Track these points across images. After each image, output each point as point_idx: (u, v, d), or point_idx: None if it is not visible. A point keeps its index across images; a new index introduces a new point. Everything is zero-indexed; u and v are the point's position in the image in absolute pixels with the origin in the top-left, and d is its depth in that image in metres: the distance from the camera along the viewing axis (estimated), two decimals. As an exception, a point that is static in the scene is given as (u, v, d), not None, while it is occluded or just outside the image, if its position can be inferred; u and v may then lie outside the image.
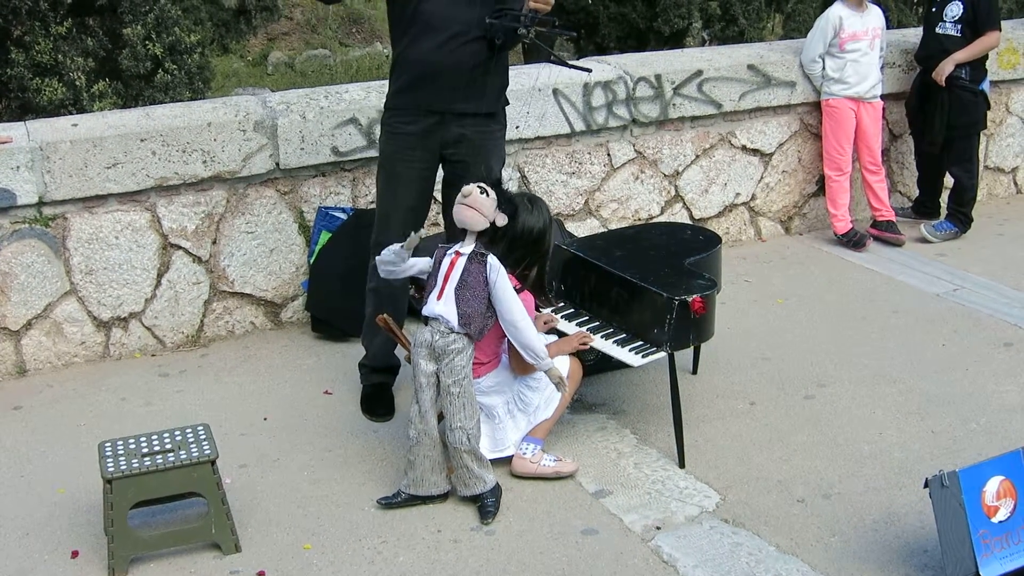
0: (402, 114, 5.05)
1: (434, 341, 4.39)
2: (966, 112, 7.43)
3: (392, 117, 5.09)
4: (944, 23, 7.37)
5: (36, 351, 5.85)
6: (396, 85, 5.06)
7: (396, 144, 5.09)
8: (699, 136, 7.32)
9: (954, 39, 7.33)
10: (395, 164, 5.11)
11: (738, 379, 5.62)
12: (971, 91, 7.38)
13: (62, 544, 4.34)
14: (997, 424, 5.12)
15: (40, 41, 9.61)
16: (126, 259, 5.93)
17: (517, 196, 4.60)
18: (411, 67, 4.96)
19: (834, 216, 7.51)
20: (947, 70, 7.31)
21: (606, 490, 4.65)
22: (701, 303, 4.70)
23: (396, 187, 5.12)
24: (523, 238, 4.54)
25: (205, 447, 4.23)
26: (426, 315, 4.49)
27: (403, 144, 5.08)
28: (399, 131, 5.07)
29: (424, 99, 4.98)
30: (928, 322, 6.27)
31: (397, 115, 5.07)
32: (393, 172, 5.12)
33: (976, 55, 7.33)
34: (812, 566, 4.10)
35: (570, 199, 7.01)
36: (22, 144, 5.62)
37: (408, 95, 5.02)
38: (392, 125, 5.09)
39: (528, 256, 4.61)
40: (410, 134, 5.05)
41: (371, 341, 5.37)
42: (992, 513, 3.86)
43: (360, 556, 4.23)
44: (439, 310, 4.40)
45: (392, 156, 5.12)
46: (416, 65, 4.95)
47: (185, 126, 5.92)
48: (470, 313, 4.36)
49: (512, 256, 4.55)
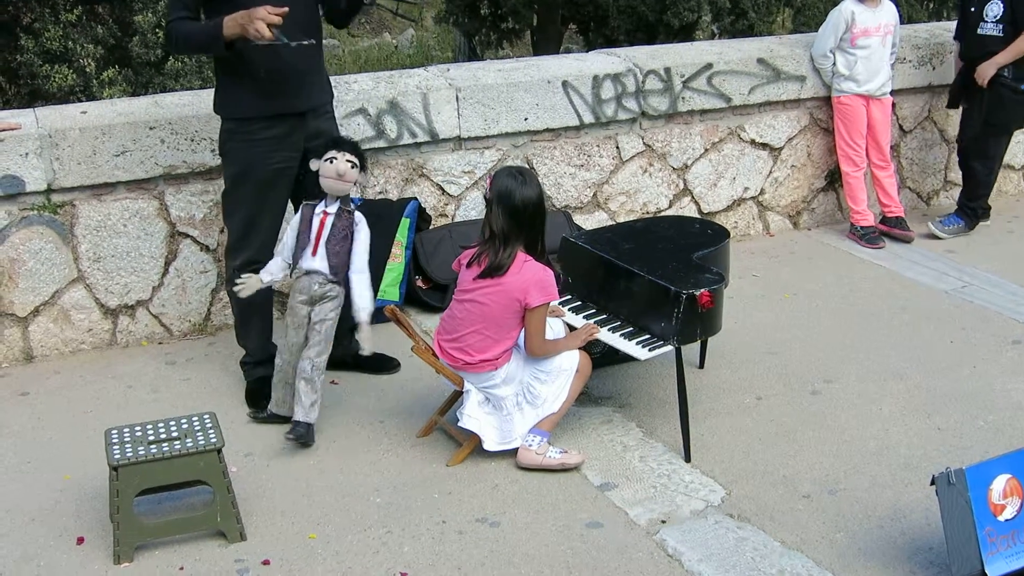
0: (257, 123, 5.07)
1: (313, 290, 4.96)
2: (1004, 109, 7.37)
3: (249, 126, 5.08)
4: (985, 23, 7.29)
5: (43, 338, 5.86)
6: (250, 91, 5.04)
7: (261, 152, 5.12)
8: (708, 130, 7.31)
9: (996, 39, 7.25)
10: (262, 171, 5.16)
11: (745, 374, 5.62)
12: (1012, 89, 7.32)
13: (68, 530, 4.35)
14: (1004, 422, 5.10)
15: (50, 28, 9.63)
16: (134, 247, 5.94)
17: (504, 173, 4.65)
18: (268, 73, 4.99)
19: (855, 212, 7.49)
20: (989, 73, 7.26)
21: (611, 483, 4.64)
22: (708, 297, 4.70)
23: (265, 192, 5.19)
24: (526, 211, 4.56)
25: (211, 435, 4.24)
26: (306, 269, 4.96)
27: (270, 149, 5.13)
28: (262, 141, 5.10)
29: (287, 106, 5.09)
30: (936, 319, 6.26)
31: (255, 124, 5.08)
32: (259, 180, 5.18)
33: (1018, 55, 7.25)
34: (817, 562, 4.09)
35: (578, 191, 7.00)
36: (31, 131, 5.62)
37: (269, 101, 5.05)
38: (251, 136, 5.09)
39: (535, 227, 4.62)
40: (272, 138, 5.11)
41: (247, 338, 5.44)
42: (999, 511, 3.85)
43: (365, 546, 4.23)
44: (316, 265, 4.94)
45: (254, 166, 5.15)
46: (281, 70, 5.00)
47: (194, 115, 5.92)
48: (338, 264, 4.94)
49: (524, 235, 4.59)
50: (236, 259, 5.23)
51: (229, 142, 5.15)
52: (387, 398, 5.40)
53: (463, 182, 6.62)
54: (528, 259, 4.60)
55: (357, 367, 5.62)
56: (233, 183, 5.19)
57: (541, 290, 4.56)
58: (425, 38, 19.71)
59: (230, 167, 5.18)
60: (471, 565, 4.11)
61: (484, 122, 6.61)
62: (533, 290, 4.55)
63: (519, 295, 4.56)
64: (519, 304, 4.58)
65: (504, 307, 4.59)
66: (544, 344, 4.70)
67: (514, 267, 4.57)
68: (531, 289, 4.55)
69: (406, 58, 18.03)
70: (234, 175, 5.17)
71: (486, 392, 4.74)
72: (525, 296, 4.55)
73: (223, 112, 5.16)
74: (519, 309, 4.59)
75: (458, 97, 6.52)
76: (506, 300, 4.58)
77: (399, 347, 5.61)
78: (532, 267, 4.58)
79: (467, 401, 4.75)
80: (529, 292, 4.55)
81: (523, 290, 4.55)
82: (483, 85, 6.59)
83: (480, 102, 6.57)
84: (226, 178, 5.23)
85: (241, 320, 5.41)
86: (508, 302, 4.58)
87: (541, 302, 4.57)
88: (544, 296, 4.57)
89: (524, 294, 4.55)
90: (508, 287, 4.57)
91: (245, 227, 5.20)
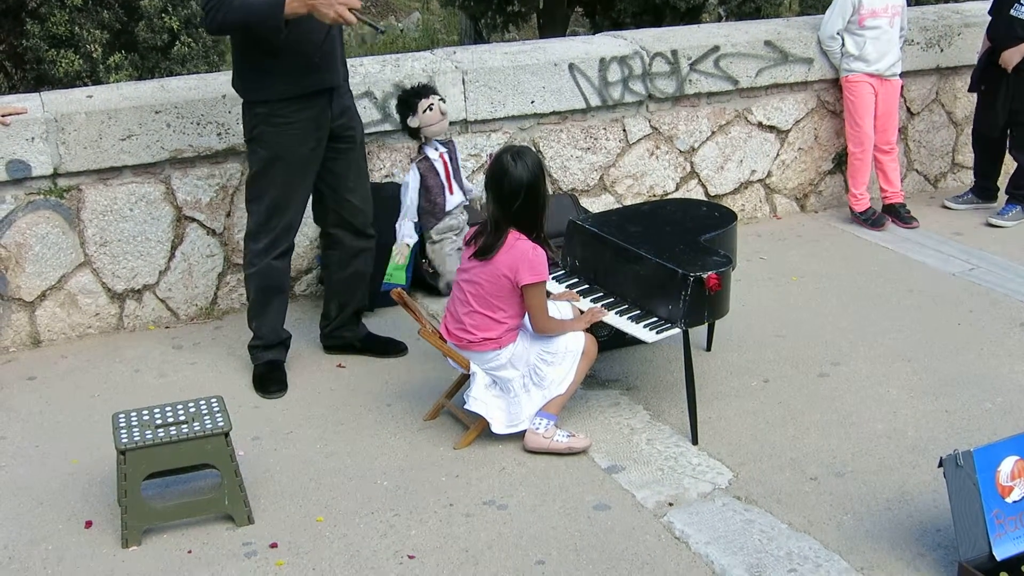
0: (292, 104, 5.05)
1: (463, 220, 6.12)
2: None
3: (283, 108, 5.05)
4: (1020, 5, 7.19)
5: (50, 322, 5.87)
6: (282, 72, 5.00)
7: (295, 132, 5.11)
8: (715, 112, 7.29)
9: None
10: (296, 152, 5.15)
11: (752, 356, 5.61)
12: None
13: (76, 514, 4.36)
14: (1012, 404, 5.09)
15: (56, 13, 9.61)
16: (140, 231, 5.94)
17: (500, 153, 4.66)
18: (300, 53, 4.97)
19: (852, 195, 7.47)
20: (1015, 60, 7.21)
21: (619, 466, 4.64)
22: (716, 280, 4.69)
23: (296, 175, 5.17)
24: (515, 195, 4.56)
25: (219, 419, 4.24)
26: (449, 208, 6.06)
27: (304, 129, 5.11)
28: (298, 122, 5.08)
29: (319, 83, 5.09)
30: (944, 301, 6.24)
31: (289, 105, 5.05)
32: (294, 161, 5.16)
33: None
34: (824, 544, 4.09)
35: (585, 175, 6.99)
36: (37, 115, 5.62)
37: (301, 81, 5.03)
38: (286, 118, 5.06)
39: (526, 210, 4.60)
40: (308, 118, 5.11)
41: (262, 321, 5.40)
42: (1006, 493, 3.85)
43: (372, 529, 4.23)
44: (457, 199, 6.10)
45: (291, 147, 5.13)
46: (309, 48, 4.98)
47: (200, 99, 5.92)
48: (466, 186, 6.15)
49: (514, 218, 4.59)
50: (259, 242, 5.20)
51: (260, 126, 5.09)
52: (394, 382, 5.40)
53: (470, 165, 6.61)
54: (520, 237, 4.60)
55: (364, 351, 5.62)
56: (263, 167, 5.14)
57: (530, 268, 4.56)
58: (431, 21, 19.65)
59: (261, 151, 5.12)
60: (478, 548, 4.11)
61: (491, 105, 6.60)
62: (522, 268, 4.55)
63: (508, 272, 4.57)
64: (509, 282, 4.58)
65: (495, 284, 4.61)
66: (548, 322, 4.70)
67: (504, 246, 4.58)
68: (520, 267, 4.55)
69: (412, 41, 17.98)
70: (265, 159, 5.12)
71: (492, 374, 4.74)
72: (515, 274, 4.56)
73: (254, 96, 5.09)
74: (510, 286, 4.59)
75: (464, 80, 6.51)
76: (496, 277, 4.60)
77: (406, 331, 5.61)
78: (522, 245, 4.58)
79: (474, 384, 4.75)
80: (519, 270, 4.55)
81: (512, 268, 4.56)
82: (489, 68, 6.57)
83: (486, 85, 6.55)
84: (255, 162, 5.17)
85: (258, 303, 5.35)
86: (498, 279, 4.60)
87: (532, 280, 4.57)
88: (534, 275, 4.56)
89: (513, 272, 4.56)
90: (497, 264, 4.58)
91: (271, 211, 5.17)
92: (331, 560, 4.06)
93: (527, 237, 4.61)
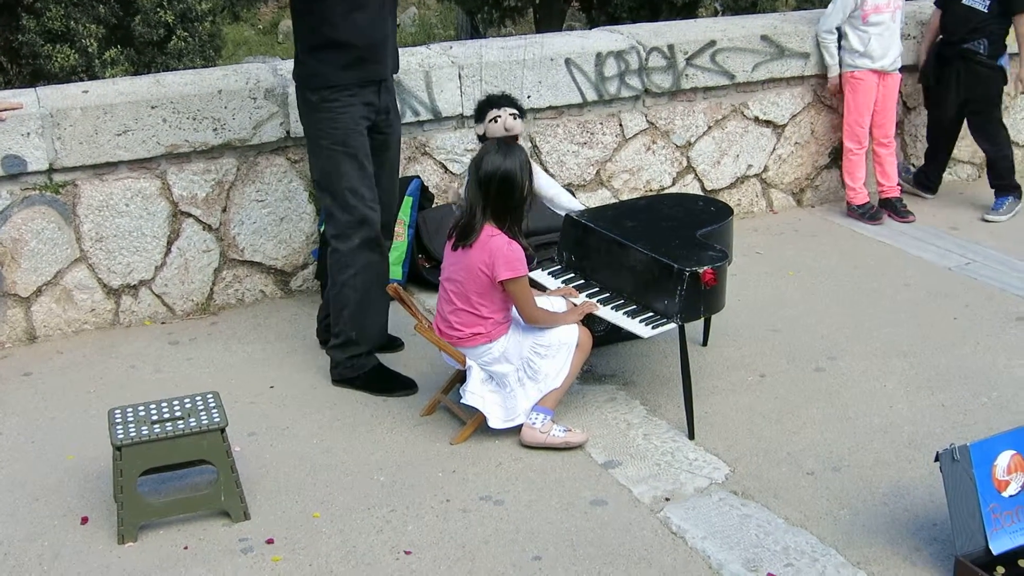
0: (346, 90, 5.03)
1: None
2: (982, 86, 7.38)
3: (336, 94, 5.03)
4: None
5: (46, 318, 5.86)
6: (338, 61, 5.00)
7: (349, 120, 5.08)
8: (711, 107, 7.28)
9: (980, 14, 7.24)
10: (355, 139, 5.11)
11: (748, 351, 5.61)
12: (989, 66, 7.32)
13: (72, 510, 4.35)
14: (1008, 398, 5.10)
15: (51, 8, 9.61)
16: (136, 226, 5.93)
17: (489, 143, 4.70)
18: (354, 44, 4.98)
19: (851, 189, 7.47)
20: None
21: (615, 461, 4.64)
22: (712, 275, 4.69)
23: (361, 159, 5.12)
24: (491, 179, 4.58)
25: (215, 415, 4.23)
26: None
27: (357, 116, 5.09)
28: (350, 107, 5.06)
29: (373, 74, 5.09)
30: (940, 296, 6.24)
31: (343, 92, 5.03)
32: (356, 147, 5.11)
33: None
34: (821, 538, 4.10)
35: (581, 169, 6.98)
36: (32, 111, 5.61)
37: (355, 71, 5.03)
38: (340, 102, 5.04)
39: (501, 198, 4.61)
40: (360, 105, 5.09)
41: (366, 324, 5.27)
42: (1003, 487, 3.85)
43: (369, 525, 4.23)
44: None
45: (350, 132, 5.09)
46: (364, 41, 4.99)
47: (196, 94, 5.91)
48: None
49: (491, 206, 4.61)
50: (351, 240, 5.11)
51: (317, 112, 5.06)
52: (390, 377, 5.40)
53: (466, 160, 6.60)
54: (496, 233, 4.60)
55: None
56: (330, 159, 5.08)
57: (507, 263, 4.56)
58: (427, 16, 19.64)
59: (325, 142, 5.07)
60: (475, 543, 4.11)
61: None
62: (498, 263, 4.55)
63: (484, 268, 4.57)
64: (487, 277, 4.59)
65: (474, 281, 4.62)
66: (535, 311, 4.70)
67: (480, 242, 4.58)
68: (496, 262, 4.55)
69: (408, 36, 17.98)
70: (330, 149, 5.06)
71: (487, 369, 4.74)
72: (491, 269, 4.56)
73: (317, 83, 5.04)
74: (489, 282, 4.60)
75: (460, 75, 6.50)
76: (474, 274, 4.61)
77: (402, 326, 5.60)
78: (497, 241, 4.59)
79: (470, 378, 4.75)
80: (495, 265, 4.56)
81: (488, 263, 4.56)
82: (486, 63, 6.56)
83: (483, 80, 6.54)
84: (322, 159, 5.12)
85: (362, 304, 5.20)
86: (476, 275, 4.60)
87: (509, 276, 4.57)
88: (511, 270, 4.56)
89: (490, 268, 4.56)
90: (473, 260, 4.60)
91: (352, 202, 5.08)
92: (327, 556, 4.05)
93: (501, 231, 4.61)
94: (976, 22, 7.27)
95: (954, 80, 7.43)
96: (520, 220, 4.70)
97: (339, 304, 5.23)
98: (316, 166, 5.20)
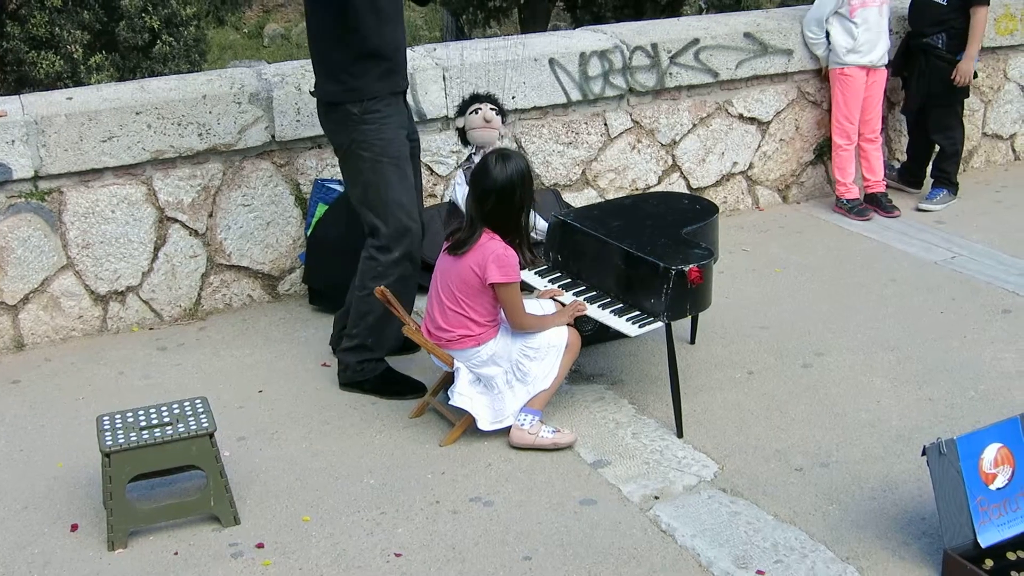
0: (384, 100, 5.06)
1: None
2: (942, 81, 7.41)
3: (378, 104, 5.05)
4: None
5: (34, 325, 5.85)
6: (375, 73, 5.02)
7: (391, 129, 5.09)
8: (696, 105, 7.29)
9: (939, 7, 7.29)
10: (398, 148, 5.12)
11: (736, 348, 5.62)
12: (947, 60, 7.36)
13: (61, 517, 4.35)
14: (995, 391, 5.12)
15: (36, 14, 9.59)
16: (123, 233, 5.92)
17: (488, 154, 4.70)
18: (387, 55, 5.04)
19: (841, 184, 7.49)
20: (969, 70, 7.37)
21: (604, 460, 4.65)
22: (698, 273, 4.70)
23: (403, 167, 5.13)
24: (489, 196, 4.60)
25: (203, 420, 4.24)
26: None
27: (397, 125, 5.12)
28: (391, 116, 5.09)
29: (400, 84, 5.17)
30: (926, 290, 6.27)
31: (382, 102, 5.06)
32: (399, 156, 5.12)
33: (980, 38, 7.33)
34: (810, 534, 4.11)
35: (567, 169, 6.99)
36: (17, 118, 5.60)
37: (388, 81, 5.07)
38: (382, 112, 5.06)
39: (501, 213, 4.63)
40: (397, 114, 5.14)
41: (385, 331, 5.22)
42: (990, 480, 3.87)
43: (359, 527, 4.24)
44: None
45: (393, 141, 5.10)
46: (392, 52, 5.06)
47: (180, 99, 5.90)
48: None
49: (490, 219, 4.62)
50: (393, 252, 5.10)
51: (362, 125, 5.04)
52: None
53: (451, 162, 6.60)
54: (493, 237, 4.62)
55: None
56: (373, 170, 5.06)
57: (499, 267, 4.56)
58: (412, 18, 19.65)
59: (366, 154, 5.06)
60: (465, 544, 4.12)
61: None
62: (491, 266, 4.56)
63: (476, 268, 4.59)
64: (477, 278, 4.60)
65: (465, 282, 4.63)
66: (524, 318, 4.71)
67: (476, 244, 4.60)
68: (488, 265, 4.56)
69: (394, 38, 17.99)
70: (372, 161, 5.05)
71: (475, 371, 4.75)
72: (482, 271, 4.57)
73: (359, 96, 5.02)
74: (479, 284, 4.61)
75: (445, 77, 6.51)
76: (465, 275, 4.62)
77: (390, 328, 5.60)
78: (492, 244, 4.60)
79: (458, 379, 4.75)
80: (487, 268, 4.56)
81: (479, 264, 4.58)
82: (470, 64, 6.56)
83: (467, 81, 6.55)
84: (363, 170, 5.09)
85: (385, 316, 5.13)
86: (468, 276, 4.61)
87: (500, 280, 4.57)
88: (502, 275, 4.57)
89: (481, 268, 4.57)
90: (466, 260, 4.61)
91: (396, 213, 5.08)
92: (318, 559, 4.06)
93: (500, 238, 4.62)
94: (937, 16, 7.33)
95: (916, 73, 7.48)
96: (520, 230, 4.71)
97: (363, 309, 5.21)
98: (358, 181, 5.15)
